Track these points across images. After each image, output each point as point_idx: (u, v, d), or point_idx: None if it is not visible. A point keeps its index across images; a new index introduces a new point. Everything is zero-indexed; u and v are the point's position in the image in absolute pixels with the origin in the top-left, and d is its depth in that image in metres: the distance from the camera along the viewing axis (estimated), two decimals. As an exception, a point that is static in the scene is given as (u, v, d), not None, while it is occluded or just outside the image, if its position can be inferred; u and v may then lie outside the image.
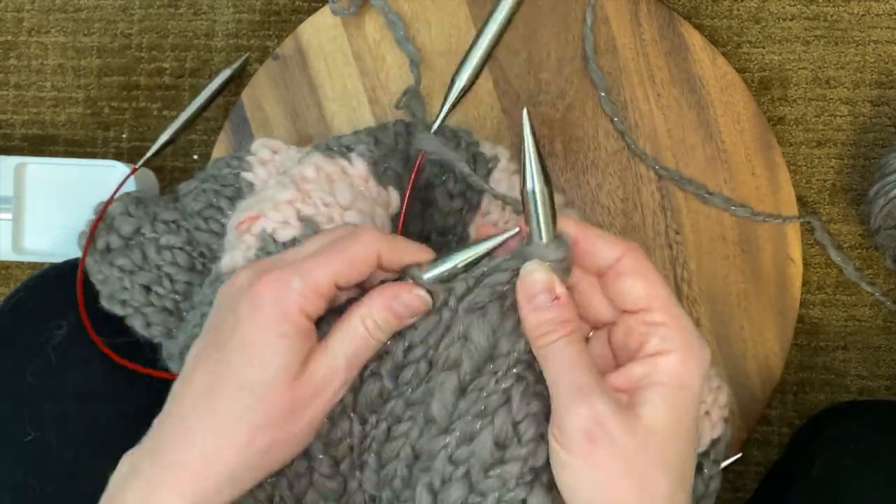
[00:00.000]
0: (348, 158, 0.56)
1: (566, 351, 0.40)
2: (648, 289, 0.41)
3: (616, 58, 0.68)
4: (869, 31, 0.72)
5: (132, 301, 0.56)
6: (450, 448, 0.42)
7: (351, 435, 0.46)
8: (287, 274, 0.42)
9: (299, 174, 0.54)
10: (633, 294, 0.41)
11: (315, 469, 0.46)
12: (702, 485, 0.58)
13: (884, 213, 0.65)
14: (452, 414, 0.43)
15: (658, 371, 0.40)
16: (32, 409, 0.55)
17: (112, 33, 0.78)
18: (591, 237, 0.42)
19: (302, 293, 0.41)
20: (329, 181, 0.54)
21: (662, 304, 0.41)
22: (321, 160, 0.55)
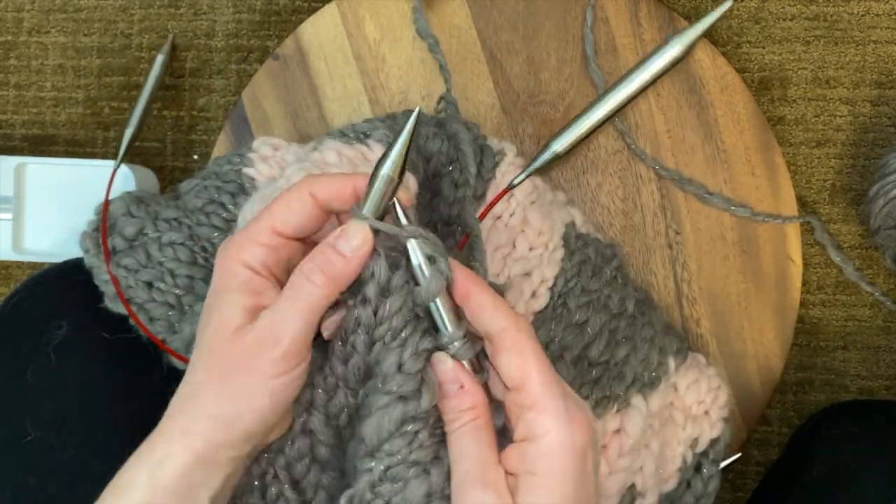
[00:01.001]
0: (367, 144, 0.56)
1: (462, 440, 0.42)
2: (521, 366, 0.41)
3: (616, 58, 0.68)
4: (869, 31, 0.72)
5: (135, 298, 0.56)
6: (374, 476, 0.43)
7: (348, 405, 0.46)
8: (232, 237, 0.44)
9: (321, 159, 0.55)
10: (507, 371, 0.42)
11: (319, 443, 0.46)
12: (701, 484, 0.58)
13: (884, 213, 0.65)
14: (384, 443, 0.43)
15: (528, 460, 0.40)
16: (32, 409, 0.55)
17: (112, 33, 0.78)
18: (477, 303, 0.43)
19: (239, 245, 0.43)
20: (352, 165, 0.54)
21: (533, 381, 0.41)
22: (341, 146, 0.55)
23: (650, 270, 0.67)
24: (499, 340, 0.42)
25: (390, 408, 0.42)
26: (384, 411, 0.42)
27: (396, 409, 0.42)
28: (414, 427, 0.42)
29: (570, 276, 0.59)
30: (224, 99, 0.77)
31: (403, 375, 0.42)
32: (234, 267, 0.43)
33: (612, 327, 0.59)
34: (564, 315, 0.58)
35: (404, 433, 0.42)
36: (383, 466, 0.42)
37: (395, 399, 0.42)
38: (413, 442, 0.42)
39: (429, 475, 0.42)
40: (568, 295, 0.58)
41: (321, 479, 0.47)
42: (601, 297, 0.59)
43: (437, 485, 0.42)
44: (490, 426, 0.42)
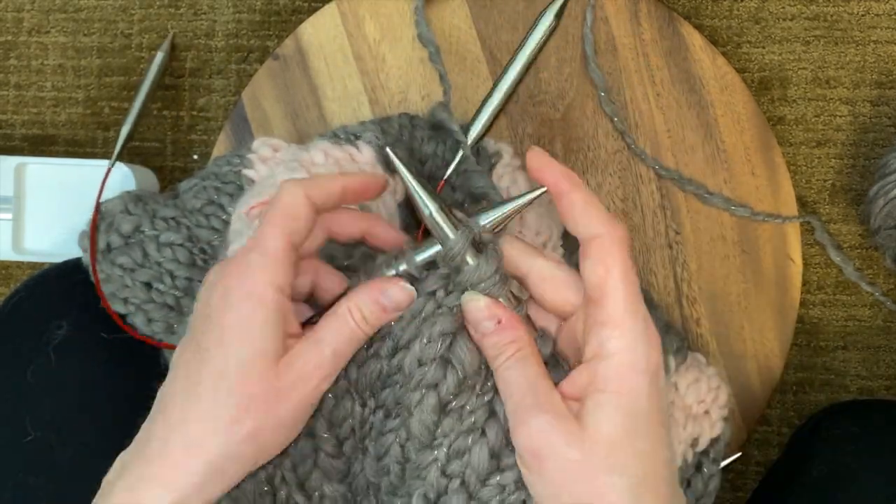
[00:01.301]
0: (356, 145, 0.57)
1: (512, 372, 0.41)
2: (605, 278, 0.40)
3: (616, 58, 0.68)
4: (869, 31, 0.72)
5: (133, 299, 0.56)
6: (440, 462, 0.43)
7: (353, 416, 0.46)
8: (243, 254, 0.42)
9: (308, 159, 0.55)
10: (589, 280, 0.41)
11: (320, 449, 0.47)
12: (701, 484, 0.58)
13: (884, 213, 0.65)
14: (435, 431, 0.43)
15: (598, 378, 0.39)
16: (32, 409, 0.55)
17: (112, 33, 0.78)
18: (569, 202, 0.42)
19: (261, 265, 0.41)
20: (338, 166, 0.54)
21: (612, 297, 0.40)
22: (329, 146, 0.56)
23: (650, 270, 0.67)
24: (587, 246, 0.41)
25: (424, 399, 0.43)
26: (420, 405, 0.43)
27: (430, 398, 0.42)
28: (458, 402, 0.43)
29: (570, 276, 0.59)
30: (224, 99, 0.77)
31: (424, 366, 0.43)
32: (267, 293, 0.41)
33: (613, 326, 0.59)
34: (564, 314, 0.58)
35: (450, 412, 0.43)
36: (446, 448, 0.43)
37: (426, 388, 0.43)
38: (462, 415, 0.43)
39: (485, 435, 0.42)
40: (568, 294, 0.58)
41: (324, 488, 0.47)
42: (601, 297, 0.59)
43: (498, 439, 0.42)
44: (536, 356, 0.42)
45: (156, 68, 0.74)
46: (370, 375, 0.46)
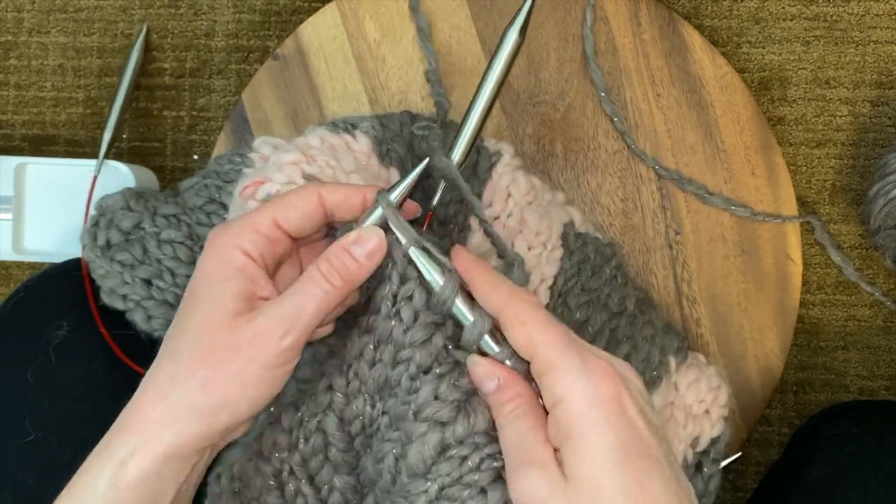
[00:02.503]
0: (352, 134, 0.57)
1: (507, 429, 0.41)
2: (526, 334, 0.41)
3: (616, 58, 0.68)
4: (869, 31, 0.72)
5: (133, 295, 0.56)
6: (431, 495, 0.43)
7: (363, 415, 0.47)
8: (228, 222, 0.44)
9: (304, 142, 0.55)
10: (517, 345, 0.42)
11: (332, 445, 0.47)
12: (701, 483, 0.58)
13: (884, 213, 0.65)
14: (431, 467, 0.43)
15: (561, 426, 0.40)
16: (32, 409, 0.55)
17: (112, 33, 0.78)
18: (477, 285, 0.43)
19: (237, 231, 0.43)
20: (333, 151, 0.54)
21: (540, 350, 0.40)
22: (326, 133, 0.56)
23: (650, 270, 0.67)
24: (503, 319, 0.42)
25: (428, 434, 0.43)
26: (423, 438, 0.43)
27: (434, 435, 0.43)
28: (459, 452, 0.43)
29: (569, 276, 0.59)
30: (224, 99, 0.77)
31: (440, 402, 0.43)
32: (230, 252, 0.43)
33: (613, 326, 0.59)
34: (565, 314, 0.58)
35: (450, 458, 0.43)
36: (437, 486, 0.43)
37: (433, 424, 0.43)
38: (462, 466, 0.43)
39: (485, 495, 0.42)
40: (568, 294, 0.58)
41: (334, 480, 0.48)
42: (601, 296, 0.59)
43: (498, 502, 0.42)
44: (534, 409, 0.42)
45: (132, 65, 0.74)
46: (378, 380, 0.46)
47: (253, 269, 0.43)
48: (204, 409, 0.42)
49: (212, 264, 0.43)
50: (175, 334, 0.43)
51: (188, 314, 0.43)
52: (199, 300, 0.43)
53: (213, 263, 0.43)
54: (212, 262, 0.43)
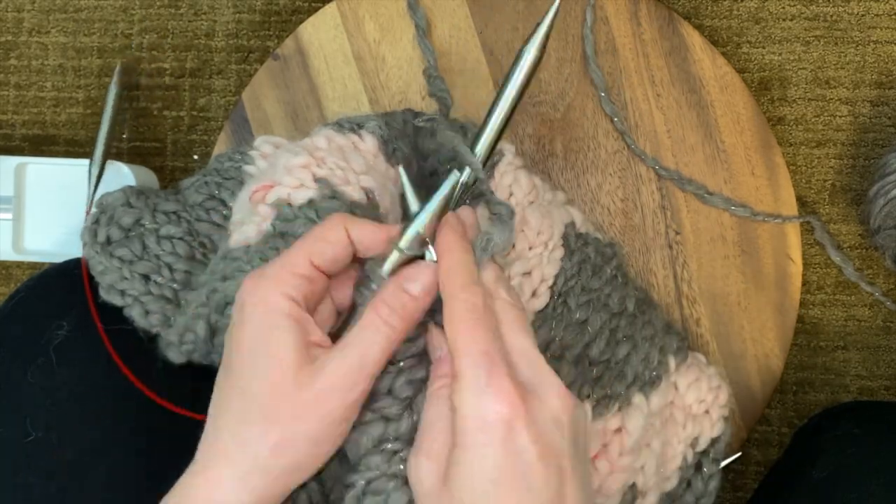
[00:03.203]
0: (359, 134, 0.57)
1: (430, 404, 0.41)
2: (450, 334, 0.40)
3: (616, 58, 0.68)
4: (869, 31, 0.72)
5: (131, 291, 0.56)
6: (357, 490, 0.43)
7: None
8: (263, 266, 0.42)
9: (311, 144, 0.55)
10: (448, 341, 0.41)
11: None
12: (701, 483, 0.58)
13: (884, 213, 0.65)
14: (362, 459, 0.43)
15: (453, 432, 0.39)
16: (33, 409, 0.54)
17: (112, 33, 0.78)
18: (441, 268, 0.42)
19: (277, 277, 0.41)
20: (340, 152, 0.54)
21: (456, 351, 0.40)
22: (333, 133, 0.56)
23: (650, 270, 0.67)
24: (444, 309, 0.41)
25: (371, 426, 0.42)
26: (365, 427, 0.42)
27: (377, 427, 0.42)
28: (393, 446, 0.42)
29: (570, 276, 0.59)
30: (224, 99, 0.77)
31: (391, 398, 0.43)
32: (276, 300, 0.40)
33: (613, 326, 0.59)
34: (565, 314, 0.58)
35: (383, 451, 0.42)
36: (364, 480, 0.42)
37: (378, 418, 0.42)
38: (392, 459, 0.42)
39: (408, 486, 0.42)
40: (568, 294, 0.58)
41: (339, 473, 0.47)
42: (601, 296, 0.59)
43: None
44: None
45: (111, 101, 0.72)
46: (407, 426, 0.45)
47: (301, 316, 0.41)
48: (278, 473, 0.40)
49: (259, 316, 0.41)
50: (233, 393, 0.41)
51: (243, 370, 0.41)
52: (254, 355, 0.40)
53: (260, 314, 0.41)
54: (258, 312, 0.41)
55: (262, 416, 0.40)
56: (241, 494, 0.40)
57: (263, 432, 0.40)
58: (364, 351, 0.41)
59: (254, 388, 0.40)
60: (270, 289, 0.41)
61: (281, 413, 0.40)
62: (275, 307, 0.40)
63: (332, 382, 0.40)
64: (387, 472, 0.42)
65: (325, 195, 0.50)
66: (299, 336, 0.40)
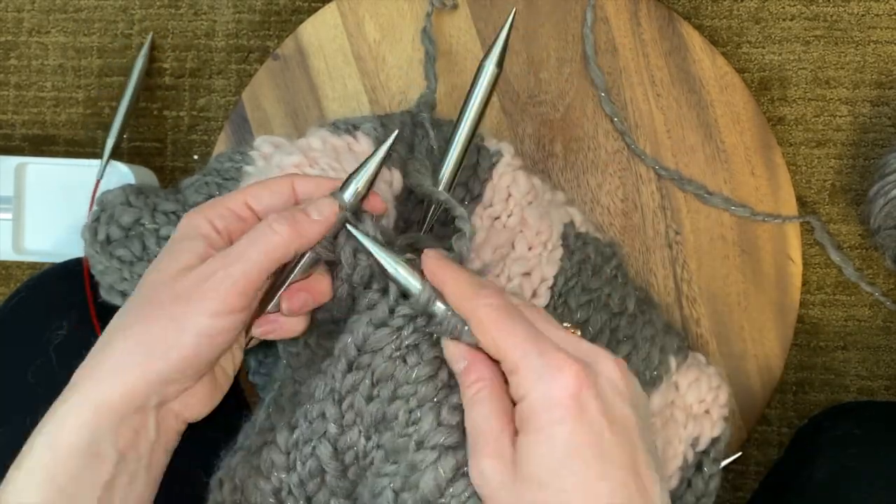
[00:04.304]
0: (354, 135, 0.57)
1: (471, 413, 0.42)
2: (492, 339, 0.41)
3: (616, 58, 0.68)
4: (869, 31, 0.72)
5: (129, 291, 0.56)
6: None
7: (356, 446, 0.47)
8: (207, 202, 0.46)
9: (306, 144, 0.55)
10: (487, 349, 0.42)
11: (326, 471, 0.47)
12: (702, 483, 0.58)
13: (883, 213, 0.65)
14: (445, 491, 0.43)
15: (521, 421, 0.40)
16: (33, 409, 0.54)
17: (112, 33, 0.78)
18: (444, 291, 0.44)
19: (208, 206, 0.45)
20: (335, 153, 0.54)
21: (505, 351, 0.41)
22: (328, 134, 0.56)
23: (650, 270, 0.67)
24: (471, 326, 0.43)
25: (442, 460, 0.43)
26: (436, 465, 0.43)
27: (448, 461, 0.43)
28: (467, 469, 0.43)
29: (570, 276, 0.59)
30: (224, 99, 0.77)
31: (445, 428, 0.43)
32: (197, 220, 0.45)
33: (613, 326, 0.59)
34: (565, 314, 0.58)
35: (464, 475, 0.43)
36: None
37: (444, 450, 0.43)
38: None
39: None
40: (568, 294, 0.58)
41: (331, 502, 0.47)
42: (601, 296, 0.59)
43: None
44: (500, 395, 0.42)
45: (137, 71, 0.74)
46: (375, 415, 0.46)
47: (214, 237, 0.45)
48: (137, 355, 0.42)
49: (179, 232, 0.45)
50: (138, 289, 0.45)
51: (146, 274, 0.45)
52: (158, 261, 0.45)
53: (181, 231, 0.45)
54: (180, 230, 0.45)
55: (138, 305, 0.43)
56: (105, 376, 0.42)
57: (134, 318, 0.43)
58: (242, 247, 0.43)
59: (143, 284, 0.44)
60: (198, 212, 0.45)
61: (155, 302, 0.43)
62: (193, 224, 0.45)
63: (205, 272, 0.43)
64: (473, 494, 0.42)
65: None
66: (202, 247, 0.44)
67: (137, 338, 0.42)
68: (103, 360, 0.42)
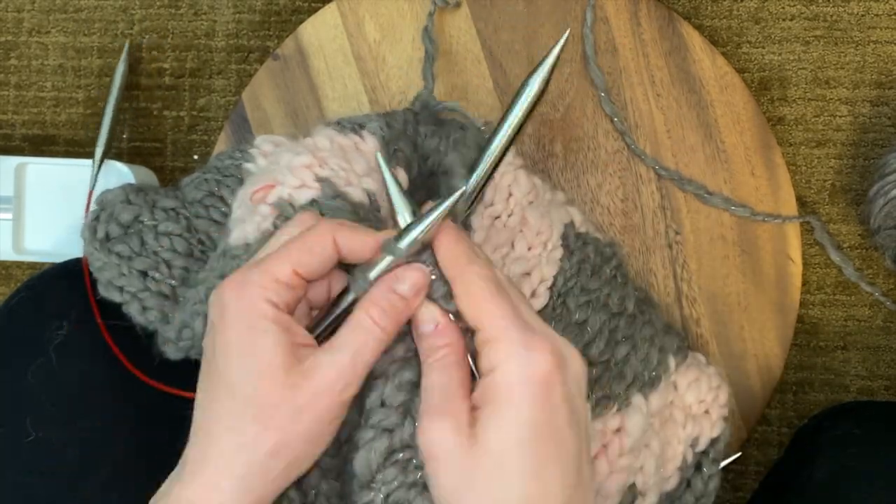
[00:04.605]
0: (360, 135, 0.57)
1: (433, 374, 0.42)
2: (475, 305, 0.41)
3: (616, 58, 0.68)
4: (869, 31, 0.72)
5: (129, 287, 0.56)
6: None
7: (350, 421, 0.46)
8: (245, 271, 0.42)
9: (313, 143, 0.55)
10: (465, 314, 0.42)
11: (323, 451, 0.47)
12: (701, 483, 0.58)
13: (883, 213, 0.65)
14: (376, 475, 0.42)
15: (487, 391, 0.40)
16: (33, 409, 0.55)
17: (112, 33, 0.78)
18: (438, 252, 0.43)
19: (260, 283, 0.41)
20: (342, 152, 0.54)
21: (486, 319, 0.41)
22: (334, 133, 0.56)
23: (650, 270, 0.67)
24: (455, 289, 0.42)
25: (376, 441, 0.42)
26: (370, 444, 0.42)
27: (382, 441, 0.42)
28: (405, 455, 0.42)
29: (569, 276, 0.59)
30: (224, 99, 0.77)
31: (386, 409, 0.43)
32: (258, 305, 0.41)
33: (612, 326, 0.59)
34: (564, 314, 0.58)
35: (395, 462, 0.42)
36: (382, 495, 0.42)
37: (380, 432, 0.42)
38: (407, 468, 0.42)
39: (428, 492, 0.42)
40: (567, 294, 0.58)
41: (321, 485, 0.47)
42: (601, 296, 0.59)
43: None
44: (463, 364, 0.42)
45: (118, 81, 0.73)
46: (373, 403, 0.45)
47: (285, 320, 0.41)
48: (276, 475, 0.41)
49: (244, 320, 0.41)
50: (222, 396, 0.41)
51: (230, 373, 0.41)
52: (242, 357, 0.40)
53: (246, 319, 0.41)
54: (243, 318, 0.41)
55: (256, 418, 0.40)
56: (240, 496, 0.40)
57: (259, 434, 0.40)
58: (355, 351, 0.41)
59: (246, 391, 0.40)
60: (254, 295, 0.41)
61: (276, 414, 0.40)
62: (260, 312, 0.41)
63: (325, 383, 0.40)
64: (405, 481, 0.42)
65: (328, 195, 0.50)
66: (286, 339, 0.41)
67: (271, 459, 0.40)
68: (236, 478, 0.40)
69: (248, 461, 0.40)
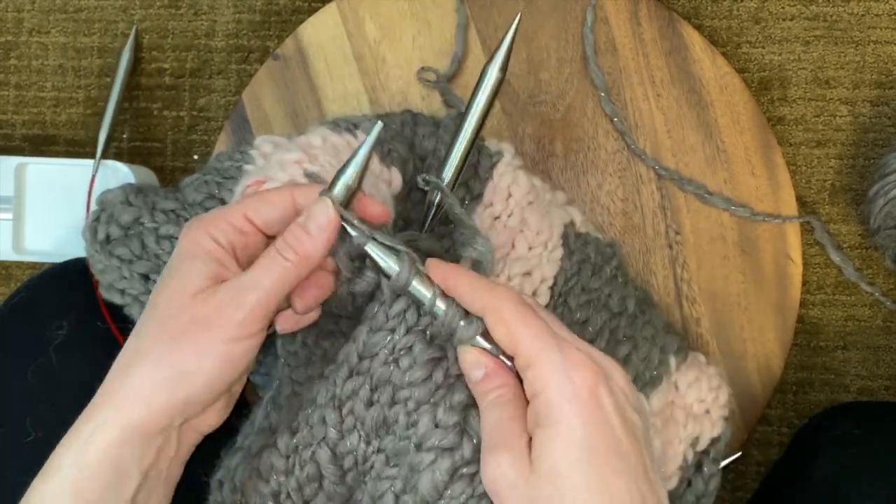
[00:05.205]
0: (354, 134, 0.57)
1: (488, 415, 0.42)
2: (508, 333, 0.42)
3: (616, 58, 0.68)
4: (869, 31, 0.72)
5: (131, 290, 0.56)
6: None
7: (356, 451, 0.47)
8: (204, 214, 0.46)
9: (305, 141, 0.55)
10: (502, 344, 0.43)
11: (324, 476, 0.47)
12: (701, 483, 0.58)
13: (883, 213, 0.65)
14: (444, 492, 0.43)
15: (537, 417, 0.40)
16: (33, 409, 0.54)
17: (112, 33, 0.78)
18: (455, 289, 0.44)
19: (208, 220, 0.45)
20: (335, 151, 0.54)
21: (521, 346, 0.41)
22: (328, 132, 0.56)
23: (650, 270, 0.67)
24: (486, 320, 0.43)
25: (438, 462, 0.43)
26: (433, 466, 0.43)
27: (444, 462, 0.43)
28: (469, 470, 0.43)
29: (570, 276, 0.59)
30: (224, 99, 0.77)
31: (442, 430, 0.43)
32: (200, 237, 0.44)
33: (613, 326, 0.59)
34: (565, 314, 0.58)
35: (462, 477, 0.43)
36: None
37: (441, 452, 0.43)
38: (474, 481, 0.43)
39: None
40: (568, 294, 0.58)
41: None
42: (601, 296, 0.59)
43: None
44: (518, 400, 0.42)
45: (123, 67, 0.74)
46: (376, 419, 0.46)
47: (220, 254, 0.44)
48: (162, 381, 0.42)
49: (185, 248, 0.45)
50: (143, 314, 0.45)
51: (157, 293, 0.44)
52: (169, 279, 0.44)
53: (186, 247, 0.45)
54: (185, 246, 0.45)
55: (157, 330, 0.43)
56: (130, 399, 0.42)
57: (154, 342, 0.43)
58: (256, 274, 0.43)
59: (156, 306, 0.44)
60: (199, 228, 0.45)
61: (173, 327, 0.43)
62: (197, 242, 0.44)
63: (222, 300, 0.43)
64: (472, 494, 0.43)
65: None
66: (212, 268, 0.44)
67: (161, 362, 0.42)
68: (128, 383, 0.43)
69: (140, 367, 0.43)
